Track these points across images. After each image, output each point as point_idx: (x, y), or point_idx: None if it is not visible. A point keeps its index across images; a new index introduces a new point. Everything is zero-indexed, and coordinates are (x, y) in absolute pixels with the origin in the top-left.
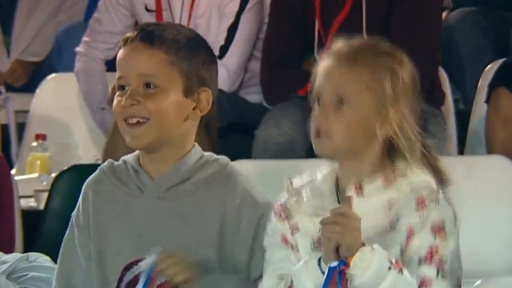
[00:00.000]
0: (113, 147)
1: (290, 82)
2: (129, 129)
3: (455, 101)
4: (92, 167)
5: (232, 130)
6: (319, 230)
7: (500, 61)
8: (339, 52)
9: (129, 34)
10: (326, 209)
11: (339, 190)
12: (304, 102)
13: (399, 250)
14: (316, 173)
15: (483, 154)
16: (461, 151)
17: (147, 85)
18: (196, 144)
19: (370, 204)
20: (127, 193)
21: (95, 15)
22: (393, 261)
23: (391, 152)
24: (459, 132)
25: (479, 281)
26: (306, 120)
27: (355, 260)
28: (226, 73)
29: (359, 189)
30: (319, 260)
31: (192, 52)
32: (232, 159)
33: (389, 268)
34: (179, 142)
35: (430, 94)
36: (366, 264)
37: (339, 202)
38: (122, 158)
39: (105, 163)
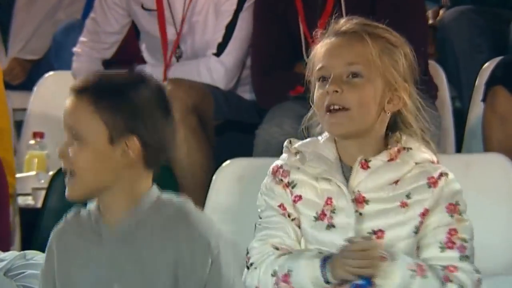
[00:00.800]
0: None
1: (282, 85)
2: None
3: (452, 99)
4: None
5: (228, 128)
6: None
7: (496, 60)
8: (344, 29)
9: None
10: (332, 174)
11: (341, 160)
12: (304, 101)
13: (414, 227)
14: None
15: (480, 152)
16: (458, 149)
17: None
18: (154, 185)
19: (376, 179)
20: (89, 241)
21: (91, 15)
22: (415, 267)
23: (393, 129)
24: (456, 130)
25: None
26: None
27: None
28: (223, 70)
29: (365, 164)
30: (322, 262)
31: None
32: (228, 157)
33: (412, 277)
34: (127, 189)
35: (422, 86)
36: (389, 280)
37: (343, 170)
38: (88, 205)
39: (70, 213)
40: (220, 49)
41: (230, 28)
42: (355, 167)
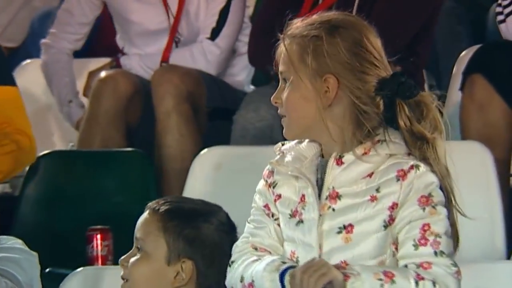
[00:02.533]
0: (89, 135)
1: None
2: None
3: (430, 87)
4: (67, 154)
5: (217, 115)
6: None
7: (475, 48)
8: (286, 32)
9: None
10: (302, 172)
11: (324, 157)
12: None
13: (383, 221)
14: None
15: (458, 140)
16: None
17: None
18: None
19: (349, 174)
20: None
21: (63, 6)
22: (382, 276)
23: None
24: None
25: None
26: None
27: None
28: (218, 52)
29: (339, 159)
30: (281, 275)
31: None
32: (215, 144)
33: (381, 286)
34: None
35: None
36: None
37: (317, 169)
38: None
39: None
40: (215, 33)
41: (223, 13)
42: (330, 163)
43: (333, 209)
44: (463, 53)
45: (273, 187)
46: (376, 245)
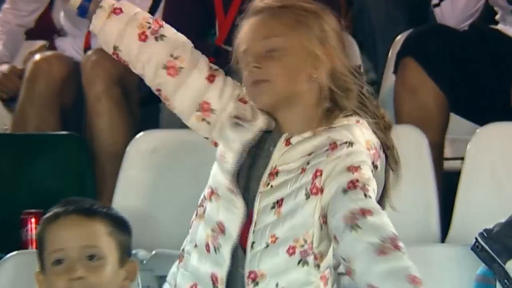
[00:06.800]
0: (23, 118)
1: None
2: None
3: (366, 71)
4: (1, 137)
5: (152, 100)
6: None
7: (409, 32)
8: (260, 8)
9: (58, 209)
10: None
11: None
12: None
13: (305, 189)
14: None
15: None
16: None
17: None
18: None
19: (292, 152)
20: None
21: None
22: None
23: (331, 107)
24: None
25: None
26: None
27: None
28: None
29: (288, 140)
30: None
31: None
32: (146, 129)
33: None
34: None
35: None
36: None
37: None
38: None
39: None
40: None
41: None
42: (280, 144)
43: (271, 186)
44: (398, 37)
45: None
46: (304, 217)
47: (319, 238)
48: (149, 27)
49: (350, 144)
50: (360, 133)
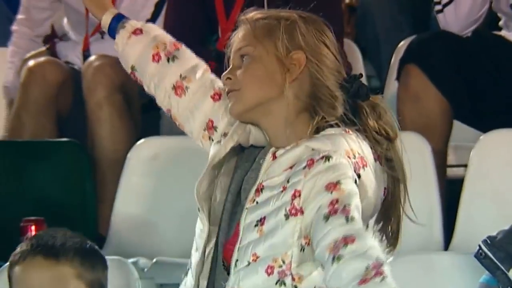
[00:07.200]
0: (18, 124)
1: None
2: None
3: (369, 78)
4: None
5: (153, 107)
6: None
7: (412, 38)
8: (242, 20)
9: (25, 248)
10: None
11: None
12: None
13: (285, 210)
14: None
15: None
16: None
17: None
18: None
19: (276, 166)
20: None
21: None
22: None
23: (316, 117)
24: None
25: (391, 258)
26: None
27: None
28: None
29: (274, 155)
30: None
31: (94, 261)
32: (147, 136)
33: None
34: None
35: None
36: None
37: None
38: None
39: None
40: None
41: (159, 6)
42: (267, 159)
43: (257, 202)
44: (401, 43)
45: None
46: (283, 237)
47: (298, 259)
48: (164, 48)
49: (327, 158)
50: (343, 142)
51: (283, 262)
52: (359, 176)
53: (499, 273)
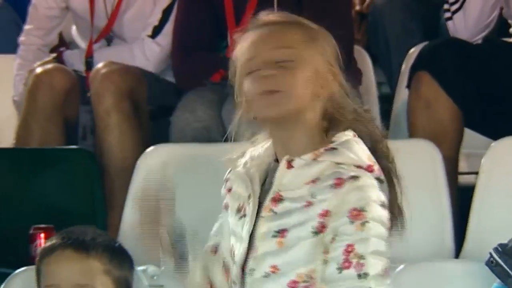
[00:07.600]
0: (26, 131)
1: (203, 66)
2: None
3: (379, 85)
4: (9, 152)
5: (159, 114)
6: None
7: (423, 45)
8: (267, 22)
9: (55, 241)
10: (251, 174)
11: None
12: (218, 87)
13: (311, 227)
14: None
15: (406, 139)
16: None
17: None
18: None
19: (297, 177)
20: None
21: (33, 0)
22: None
23: (330, 127)
24: (385, 117)
25: (401, 266)
26: (221, 106)
27: None
28: (159, 49)
29: (289, 163)
30: None
31: (122, 259)
32: (156, 143)
33: None
34: None
35: (346, 71)
36: None
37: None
38: None
39: None
40: (156, 32)
41: (167, 12)
42: (281, 166)
43: (275, 212)
44: (412, 50)
45: (227, 181)
46: (307, 252)
47: (323, 274)
48: None
49: (356, 178)
50: (361, 150)
51: (309, 277)
52: (381, 181)
53: (510, 280)
